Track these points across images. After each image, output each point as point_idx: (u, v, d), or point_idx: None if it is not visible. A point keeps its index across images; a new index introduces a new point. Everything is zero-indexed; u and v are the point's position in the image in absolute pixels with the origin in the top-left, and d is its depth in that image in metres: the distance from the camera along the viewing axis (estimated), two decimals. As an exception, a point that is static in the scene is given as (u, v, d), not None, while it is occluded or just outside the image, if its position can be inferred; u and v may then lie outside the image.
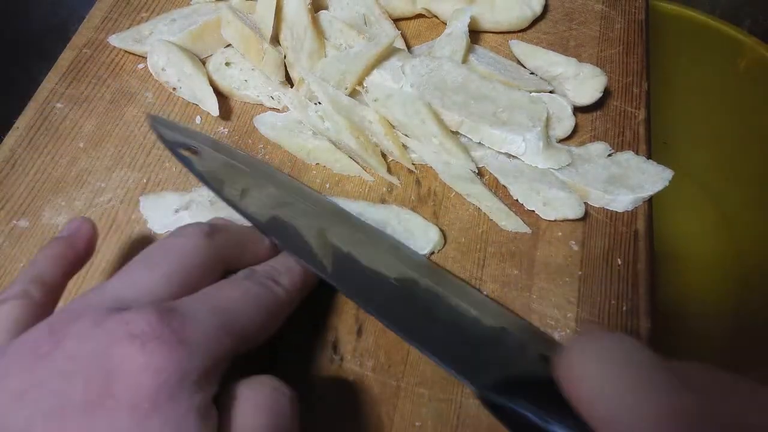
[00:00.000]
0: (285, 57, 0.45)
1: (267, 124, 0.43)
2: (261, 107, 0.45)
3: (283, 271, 0.31)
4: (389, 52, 0.44)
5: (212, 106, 0.43)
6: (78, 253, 0.30)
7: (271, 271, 0.30)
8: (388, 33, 0.46)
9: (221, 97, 0.45)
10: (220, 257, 0.29)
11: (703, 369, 0.21)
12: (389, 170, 0.42)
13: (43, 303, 0.27)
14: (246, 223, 0.34)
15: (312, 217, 0.35)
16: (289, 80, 0.45)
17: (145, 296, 0.26)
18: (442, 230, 0.39)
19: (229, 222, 0.33)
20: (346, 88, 0.42)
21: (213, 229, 0.30)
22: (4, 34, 0.67)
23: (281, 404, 0.25)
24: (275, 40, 0.45)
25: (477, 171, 0.41)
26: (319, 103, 0.42)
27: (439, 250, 0.39)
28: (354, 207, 0.39)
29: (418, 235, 0.38)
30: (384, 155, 0.42)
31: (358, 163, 0.42)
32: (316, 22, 0.45)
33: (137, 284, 0.26)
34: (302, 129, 0.43)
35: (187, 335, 0.24)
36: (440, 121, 0.41)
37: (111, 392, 0.22)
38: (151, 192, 0.40)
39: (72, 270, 0.30)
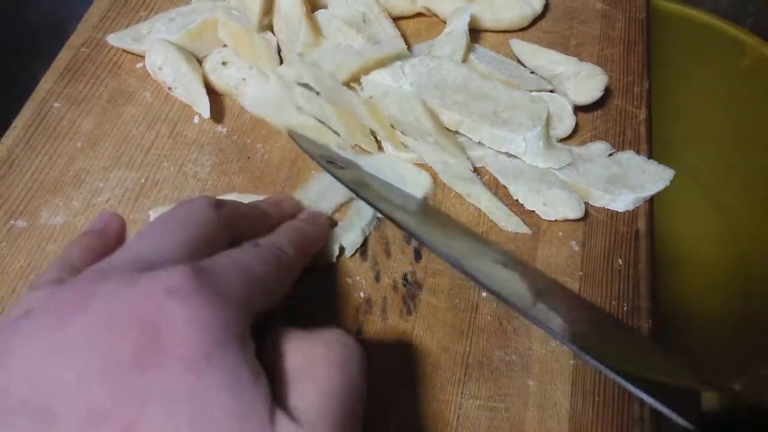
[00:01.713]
0: (280, 52, 0.45)
1: (251, 99, 0.43)
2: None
3: (285, 240, 0.31)
4: (390, 59, 0.43)
5: (204, 106, 0.42)
6: (109, 245, 0.30)
7: (273, 239, 0.31)
8: (388, 32, 0.46)
9: (220, 96, 0.45)
10: (226, 227, 0.30)
11: None
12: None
13: None
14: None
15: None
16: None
17: (166, 258, 0.25)
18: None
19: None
20: (337, 80, 0.42)
21: (218, 202, 0.30)
22: (3, 34, 0.67)
23: (353, 361, 0.25)
24: (271, 34, 0.45)
25: (473, 169, 0.41)
26: (305, 84, 0.42)
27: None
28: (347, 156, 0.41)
29: (410, 180, 0.40)
30: (377, 140, 0.42)
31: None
32: (310, 14, 0.44)
33: (155, 247, 0.26)
34: (286, 104, 0.43)
35: (222, 289, 0.23)
36: (435, 119, 0.41)
37: (160, 349, 0.21)
38: (159, 206, 0.40)
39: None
